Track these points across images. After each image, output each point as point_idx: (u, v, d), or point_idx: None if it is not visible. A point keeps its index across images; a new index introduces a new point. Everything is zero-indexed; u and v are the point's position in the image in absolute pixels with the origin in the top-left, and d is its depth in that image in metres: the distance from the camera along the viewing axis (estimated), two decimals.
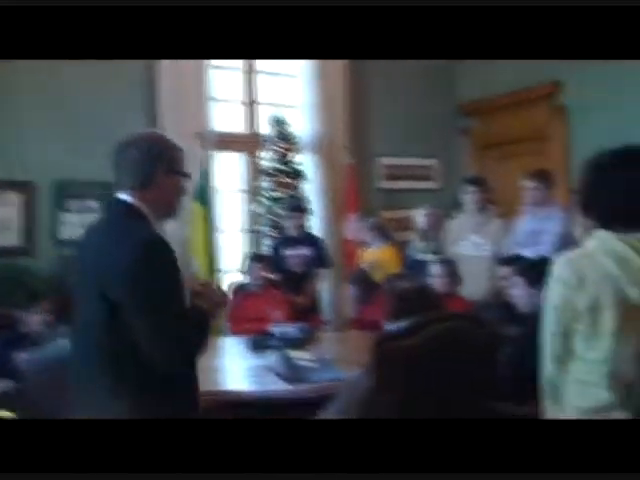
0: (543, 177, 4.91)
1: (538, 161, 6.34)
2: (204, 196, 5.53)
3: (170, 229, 5.35)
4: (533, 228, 4.81)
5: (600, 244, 1.90)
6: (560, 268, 1.95)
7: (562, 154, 6.41)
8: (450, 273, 4.39)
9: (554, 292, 1.97)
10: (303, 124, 6.30)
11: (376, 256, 5.52)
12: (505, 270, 4.06)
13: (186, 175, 2.17)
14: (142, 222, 2.04)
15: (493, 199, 5.54)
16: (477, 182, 5.31)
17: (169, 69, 5.58)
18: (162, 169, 2.06)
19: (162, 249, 1.96)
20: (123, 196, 2.06)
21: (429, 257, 5.30)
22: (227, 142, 6.04)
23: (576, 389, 1.95)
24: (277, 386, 3.14)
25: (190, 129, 5.53)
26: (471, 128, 7.31)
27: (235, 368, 3.78)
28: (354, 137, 6.52)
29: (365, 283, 4.87)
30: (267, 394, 3.06)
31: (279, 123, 5.95)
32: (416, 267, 5.35)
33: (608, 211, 1.92)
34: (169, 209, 2.15)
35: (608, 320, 1.87)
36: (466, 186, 5.32)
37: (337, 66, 6.37)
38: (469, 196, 5.23)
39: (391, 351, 2.54)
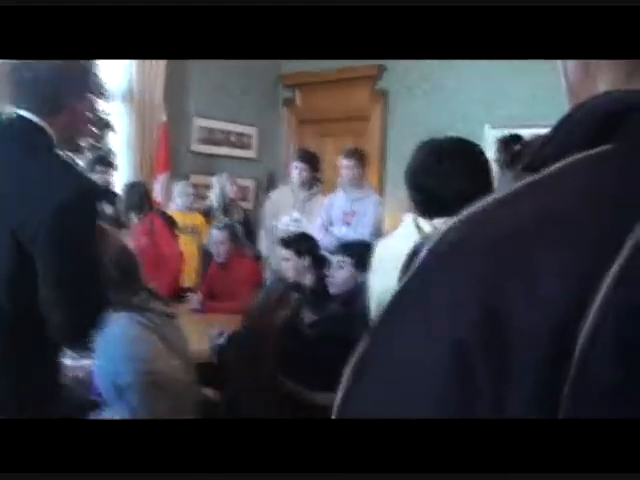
0: (359, 156, 4.84)
1: (357, 141, 6.33)
2: None
3: None
4: (347, 208, 4.74)
5: (401, 229, 1.94)
6: (374, 254, 2.04)
7: (380, 137, 6.46)
8: (231, 238, 4.37)
9: (370, 278, 2.05)
10: (116, 70, 5.75)
11: (188, 220, 5.20)
12: (285, 252, 3.93)
13: (102, 95, 1.91)
14: (56, 155, 1.71)
15: (320, 177, 5.39)
16: (308, 159, 5.11)
17: None
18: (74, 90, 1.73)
19: (93, 200, 1.72)
20: (28, 115, 1.68)
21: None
22: None
23: None
24: None
25: None
26: (293, 100, 7.15)
27: None
28: (170, 94, 6.08)
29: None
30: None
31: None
32: None
33: (414, 199, 1.94)
34: (79, 136, 1.87)
35: None
36: (296, 161, 5.12)
37: None
38: (297, 172, 5.03)
39: None
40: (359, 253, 3.25)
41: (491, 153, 2.87)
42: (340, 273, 3.25)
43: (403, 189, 5.19)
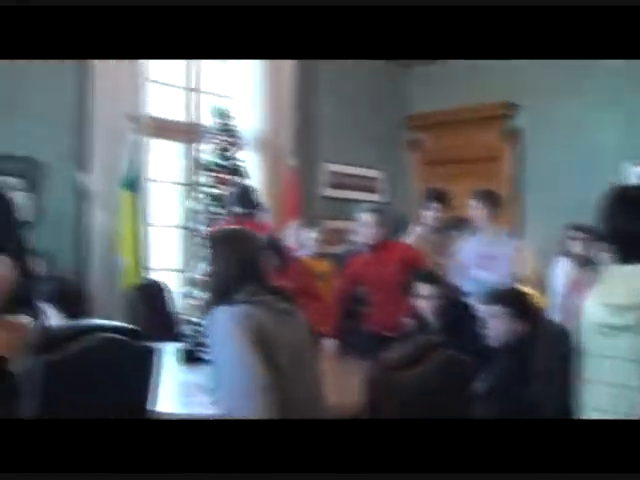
0: (487, 197, 4.64)
1: (486, 182, 6.16)
2: (134, 183, 5.07)
3: (98, 220, 4.95)
4: (482, 251, 4.53)
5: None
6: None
7: (511, 177, 6.27)
8: (381, 222, 4.31)
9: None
10: (247, 119, 5.93)
11: (316, 267, 5.18)
12: (423, 287, 3.87)
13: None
14: None
15: (463, 218, 5.22)
16: (440, 197, 4.89)
17: None
18: None
19: None
20: None
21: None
22: (164, 129, 5.56)
23: None
24: (206, 409, 2.44)
25: (122, 110, 5.07)
26: (419, 142, 7.10)
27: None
28: (300, 139, 6.18)
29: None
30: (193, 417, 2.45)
31: (222, 115, 5.55)
32: None
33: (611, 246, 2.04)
34: None
35: None
36: (429, 201, 4.89)
37: (288, 62, 6.03)
38: (432, 212, 4.84)
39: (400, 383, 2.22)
40: (513, 301, 3.17)
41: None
42: (495, 323, 3.13)
43: (541, 231, 5.02)
